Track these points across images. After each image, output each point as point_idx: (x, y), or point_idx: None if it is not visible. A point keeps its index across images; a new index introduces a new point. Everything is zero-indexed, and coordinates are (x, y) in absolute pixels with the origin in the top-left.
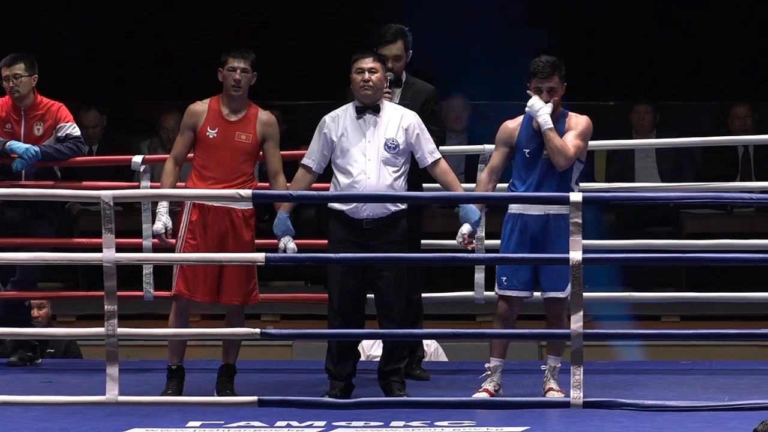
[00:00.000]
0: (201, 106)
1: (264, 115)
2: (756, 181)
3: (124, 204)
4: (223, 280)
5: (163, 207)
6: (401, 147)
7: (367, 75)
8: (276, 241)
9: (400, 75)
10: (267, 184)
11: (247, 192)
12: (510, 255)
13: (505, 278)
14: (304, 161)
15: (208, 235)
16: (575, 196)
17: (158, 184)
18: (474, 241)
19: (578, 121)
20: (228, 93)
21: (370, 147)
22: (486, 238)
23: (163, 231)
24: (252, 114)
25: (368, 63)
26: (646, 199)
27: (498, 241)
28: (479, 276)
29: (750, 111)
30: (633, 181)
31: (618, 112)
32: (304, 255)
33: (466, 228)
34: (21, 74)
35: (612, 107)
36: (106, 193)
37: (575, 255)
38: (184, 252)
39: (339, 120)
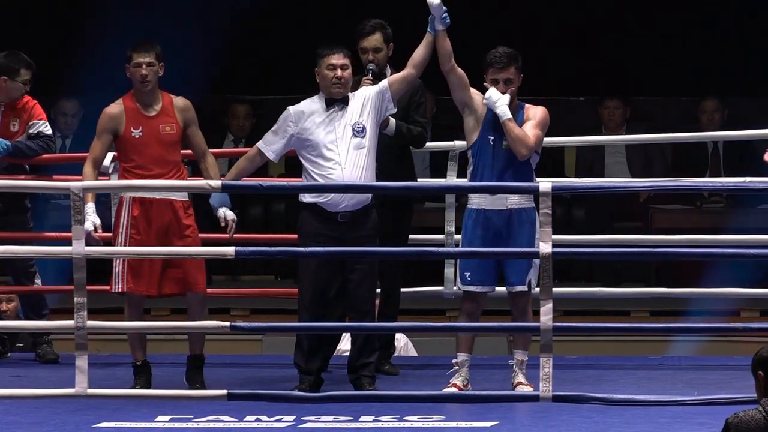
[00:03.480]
0: (117, 108)
1: (180, 102)
2: (725, 177)
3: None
4: (188, 271)
5: (90, 208)
6: (368, 125)
7: (339, 72)
8: (228, 235)
9: (384, 68)
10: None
11: (217, 183)
12: (481, 249)
13: (468, 274)
14: (261, 146)
15: (152, 229)
16: (545, 186)
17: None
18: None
19: (536, 112)
20: (137, 89)
21: (341, 137)
22: (456, 233)
23: (93, 229)
24: (168, 103)
25: (340, 59)
26: (615, 188)
27: None
28: (449, 270)
29: (718, 106)
30: (603, 177)
31: (588, 107)
32: (274, 249)
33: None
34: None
35: (582, 102)
36: (76, 185)
37: (545, 247)
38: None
39: (306, 113)
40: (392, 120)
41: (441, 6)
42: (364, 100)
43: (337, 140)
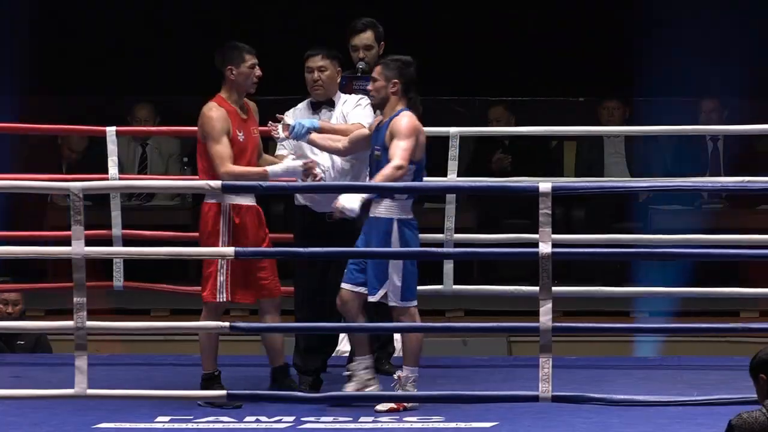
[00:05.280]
0: (221, 110)
1: (252, 105)
2: (725, 177)
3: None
4: (272, 276)
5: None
6: None
7: (316, 74)
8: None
9: (374, 66)
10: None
11: (216, 183)
12: (482, 250)
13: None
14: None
15: (250, 236)
16: (544, 186)
17: (126, 176)
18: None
19: (398, 125)
20: (246, 91)
21: None
22: (455, 232)
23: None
24: (250, 107)
25: (316, 62)
26: (615, 188)
27: (464, 235)
28: (448, 267)
29: (716, 105)
30: (602, 177)
31: (587, 107)
32: (272, 249)
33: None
34: None
35: (581, 103)
36: (75, 185)
37: (544, 247)
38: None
39: (296, 116)
40: None
41: (288, 138)
42: (346, 109)
43: None
